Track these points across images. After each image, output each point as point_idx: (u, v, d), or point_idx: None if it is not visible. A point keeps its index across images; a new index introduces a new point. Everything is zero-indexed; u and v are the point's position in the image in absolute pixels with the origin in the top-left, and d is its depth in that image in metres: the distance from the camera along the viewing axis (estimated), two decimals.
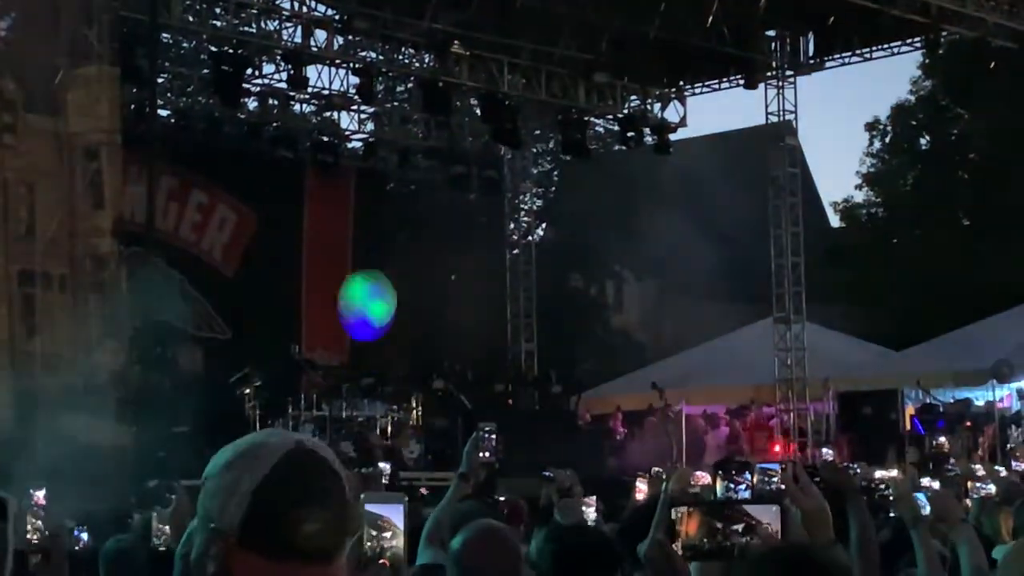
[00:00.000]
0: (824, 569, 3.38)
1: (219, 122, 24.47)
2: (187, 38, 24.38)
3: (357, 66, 22.95)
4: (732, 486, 4.05)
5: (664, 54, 24.07)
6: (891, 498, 5.26)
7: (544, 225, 37.04)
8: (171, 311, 20.17)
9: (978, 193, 34.09)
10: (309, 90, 23.80)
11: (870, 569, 4.58)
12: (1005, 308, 24.88)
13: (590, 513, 7.76)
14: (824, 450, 19.29)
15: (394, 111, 27.95)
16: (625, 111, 25.91)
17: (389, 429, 20.69)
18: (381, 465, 16.58)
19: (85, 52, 16.24)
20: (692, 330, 32.48)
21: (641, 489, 9.32)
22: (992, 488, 7.33)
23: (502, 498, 9.44)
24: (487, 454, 5.05)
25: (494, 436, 5.12)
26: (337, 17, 22.45)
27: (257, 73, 23.28)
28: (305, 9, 22.32)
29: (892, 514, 5.21)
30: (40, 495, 6.66)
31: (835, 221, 39.84)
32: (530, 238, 29.33)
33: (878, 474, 12.90)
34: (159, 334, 19.27)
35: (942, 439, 21.71)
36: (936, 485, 7.95)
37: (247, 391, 20.38)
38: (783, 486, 4.07)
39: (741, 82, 24.79)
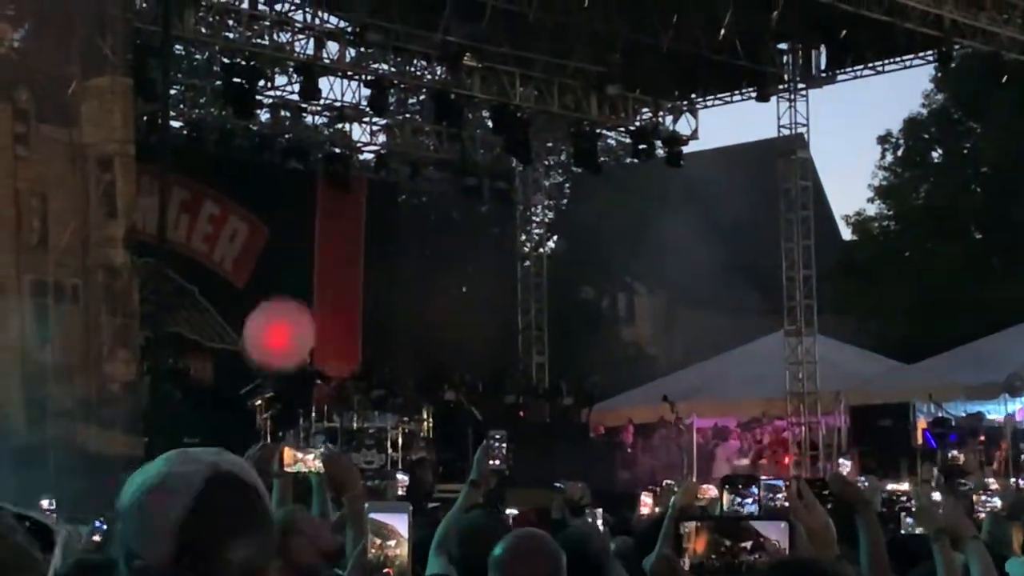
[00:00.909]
0: None
1: (231, 133, 24.53)
2: (200, 50, 24.46)
3: (369, 78, 22.99)
4: (739, 500, 4.05)
5: (676, 67, 24.09)
6: (913, 510, 5.24)
7: (555, 237, 37.04)
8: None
9: (990, 207, 34.05)
10: (321, 102, 23.85)
11: None
12: (1017, 321, 24.81)
13: (597, 525, 7.76)
14: (841, 461, 19.26)
15: (406, 123, 27.99)
16: (637, 123, 25.91)
17: (400, 440, 20.69)
18: (399, 476, 16.54)
19: (99, 63, 16.27)
20: (703, 343, 32.47)
21: (647, 503, 9.33)
22: (998, 502, 7.32)
23: (514, 511, 9.43)
24: (497, 462, 5.05)
25: (504, 444, 5.12)
26: (349, 29, 22.50)
27: (269, 85, 23.33)
28: (317, 21, 22.37)
29: (903, 531, 5.18)
30: (46, 504, 6.70)
31: (847, 234, 39.83)
32: (541, 250, 29.33)
33: (890, 487, 12.89)
34: (171, 345, 19.31)
35: (954, 453, 21.66)
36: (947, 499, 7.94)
37: (258, 402, 20.40)
38: (787, 503, 4.07)
39: (753, 95, 24.78)
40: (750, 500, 4.04)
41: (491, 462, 5.00)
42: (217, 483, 2.15)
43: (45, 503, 6.77)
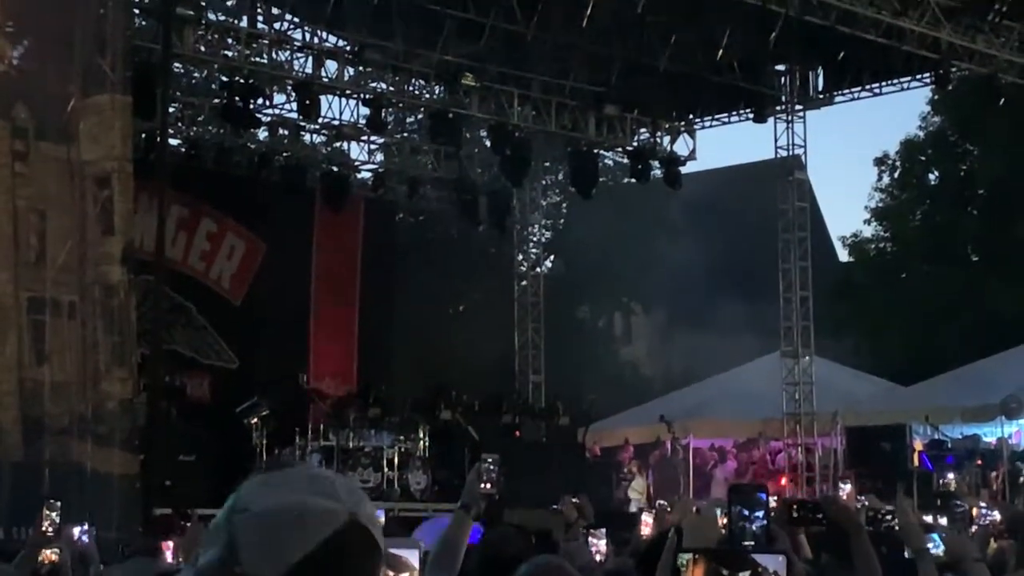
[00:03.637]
0: None
1: (229, 151, 24.57)
2: (199, 68, 24.48)
3: (367, 97, 23.02)
4: (747, 512, 4.05)
5: (674, 87, 24.14)
6: (896, 528, 5.25)
7: (552, 256, 37.06)
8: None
9: (986, 229, 34.10)
10: (319, 120, 23.87)
11: None
12: (1014, 344, 24.83)
13: (601, 546, 7.75)
14: (841, 485, 19.21)
15: (404, 142, 28.01)
16: (635, 144, 25.94)
17: (396, 460, 20.67)
18: None
19: (98, 80, 16.28)
20: (700, 363, 32.48)
21: (647, 522, 9.31)
22: (997, 516, 7.28)
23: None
24: (489, 485, 5.04)
25: (496, 468, 5.12)
26: (348, 48, 22.55)
27: (268, 103, 23.36)
28: (316, 40, 22.41)
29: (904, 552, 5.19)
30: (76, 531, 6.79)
31: (843, 255, 39.87)
32: (538, 269, 29.32)
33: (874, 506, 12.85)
34: (167, 362, 19.29)
35: (950, 475, 21.63)
36: (944, 522, 7.93)
37: (254, 420, 20.38)
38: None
39: (750, 115, 24.81)
40: (760, 512, 4.04)
41: (483, 486, 4.99)
42: (349, 535, 1.97)
43: (76, 530, 6.89)
